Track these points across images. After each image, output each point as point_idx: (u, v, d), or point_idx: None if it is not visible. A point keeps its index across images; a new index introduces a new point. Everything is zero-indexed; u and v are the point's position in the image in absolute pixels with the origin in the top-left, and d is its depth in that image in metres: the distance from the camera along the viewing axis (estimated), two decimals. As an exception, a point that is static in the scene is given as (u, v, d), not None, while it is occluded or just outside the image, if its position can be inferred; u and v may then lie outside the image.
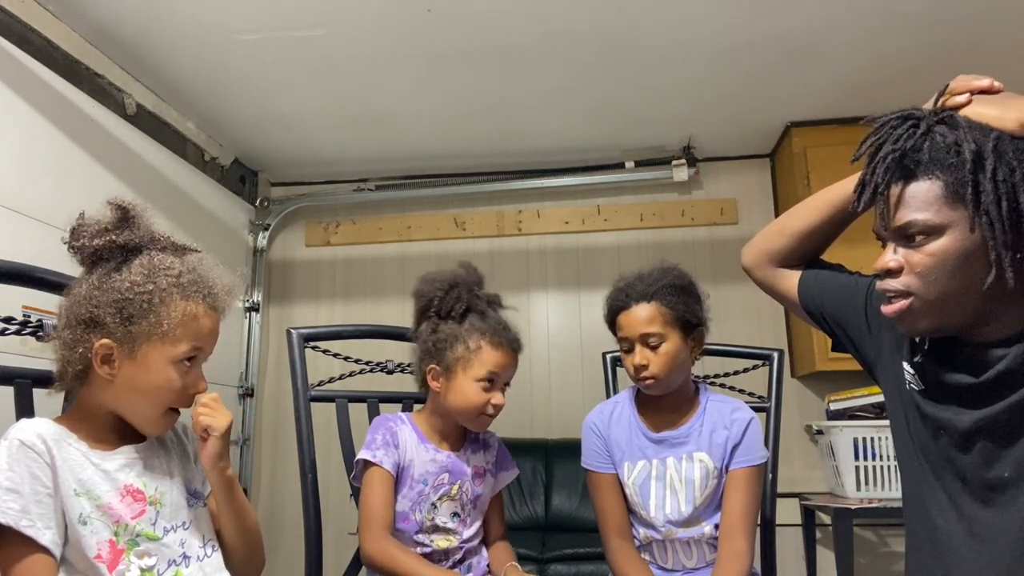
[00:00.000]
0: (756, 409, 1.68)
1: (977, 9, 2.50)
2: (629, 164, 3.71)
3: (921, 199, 1.00)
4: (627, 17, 2.52)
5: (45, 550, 0.99)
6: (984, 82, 1.05)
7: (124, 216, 1.13)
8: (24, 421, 1.06)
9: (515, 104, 3.17)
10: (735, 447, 1.53)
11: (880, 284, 1.05)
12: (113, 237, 1.11)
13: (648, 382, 1.52)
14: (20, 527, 0.97)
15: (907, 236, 1.02)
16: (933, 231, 0.99)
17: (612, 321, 1.60)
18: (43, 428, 1.05)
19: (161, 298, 1.09)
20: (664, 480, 1.53)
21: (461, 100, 3.11)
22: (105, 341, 1.07)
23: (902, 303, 1.03)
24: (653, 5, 2.45)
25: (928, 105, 1.08)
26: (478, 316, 1.52)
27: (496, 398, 1.49)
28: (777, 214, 3.76)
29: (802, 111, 3.33)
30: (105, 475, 1.08)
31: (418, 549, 1.46)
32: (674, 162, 3.65)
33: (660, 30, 2.61)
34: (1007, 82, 1.05)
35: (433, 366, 1.51)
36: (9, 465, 1.00)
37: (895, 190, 1.02)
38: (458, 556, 1.51)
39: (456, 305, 1.51)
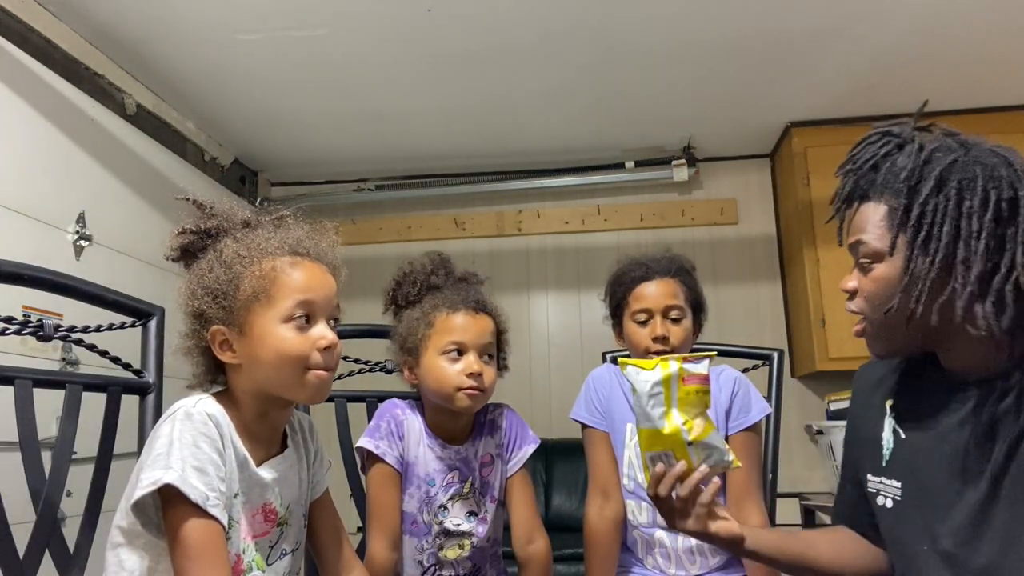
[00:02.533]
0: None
1: (976, 10, 2.50)
2: (629, 164, 3.72)
3: (868, 222, 1.00)
4: (627, 17, 2.52)
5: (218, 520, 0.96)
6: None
7: (197, 208, 1.11)
8: (197, 398, 1.02)
9: (515, 104, 3.17)
10: (727, 412, 1.53)
11: (845, 305, 1.07)
12: (189, 227, 1.09)
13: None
14: (207, 507, 0.94)
15: (858, 259, 1.02)
16: (876, 256, 0.99)
17: (625, 293, 1.57)
18: (218, 411, 1.02)
19: (244, 265, 1.04)
20: None
21: (461, 100, 3.11)
22: (215, 328, 1.04)
23: (858, 326, 1.05)
24: (653, 5, 2.45)
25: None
26: (433, 294, 1.46)
27: (469, 367, 1.37)
28: (777, 214, 3.77)
29: (802, 111, 3.33)
30: (258, 484, 1.06)
31: (425, 558, 1.42)
32: (674, 162, 3.66)
33: (660, 30, 2.61)
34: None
35: (405, 359, 1.45)
36: (194, 441, 0.96)
37: (852, 210, 1.03)
38: (467, 567, 1.43)
39: (411, 290, 1.46)
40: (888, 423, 1.10)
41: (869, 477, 1.12)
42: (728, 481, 1.52)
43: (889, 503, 1.07)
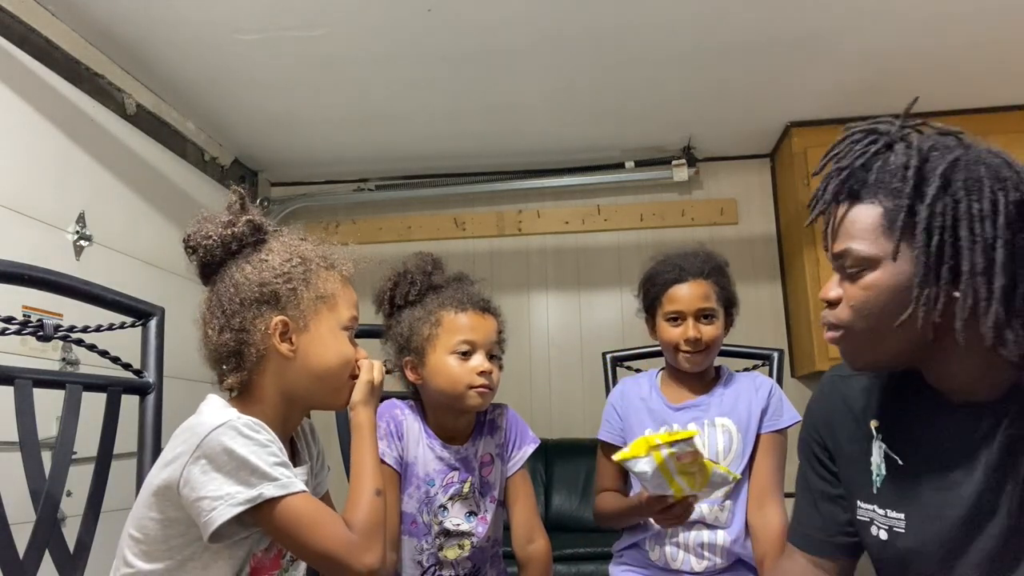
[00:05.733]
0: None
1: (976, 9, 2.50)
2: (629, 164, 3.72)
3: (859, 226, 0.92)
4: (627, 17, 2.52)
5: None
6: None
7: (243, 201, 1.12)
8: (222, 409, 1.02)
9: (515, 104, 3.17)
10: (763, 411, 1.58)
11: (822, 314, 0.99)
12: (251, 218, 1.10)
13: (696, 356, 1.56)
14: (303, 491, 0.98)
15: (844, 266, 0.94)
16: (867, 263, 0.91)
17: (659, 293, 1.60)
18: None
19: (312, 268, 1.10)
20: None
21: (461, 100, 3.11)
22: (281, 317, 1.06)
23: (833, 334, 0.97)
24: (653, 6, 2.45)
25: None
26: (435, 293, 1.45)
27: (480, 365, 1.38)
28: (777, 214, 3.77)
29: (802, 111, 3.33)
30: None
31: (424, 558, 1.42)
32: (674, 162, 3.65)
33: (660, 30, 2.61)
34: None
35: (407, 358, 1.44)
36: (269, 439, 0.99)
37: (839, 213, 0.95)
38: (467, 567, 1.43)
39: (410, 290, 1.46)
40: (877, 447, 1.02)
41: (859, 503, 1.05)
42: (751, 482, 1.55)
43: (884, 534, 1.00)
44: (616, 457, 1.27)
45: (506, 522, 1.51)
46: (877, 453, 1.03)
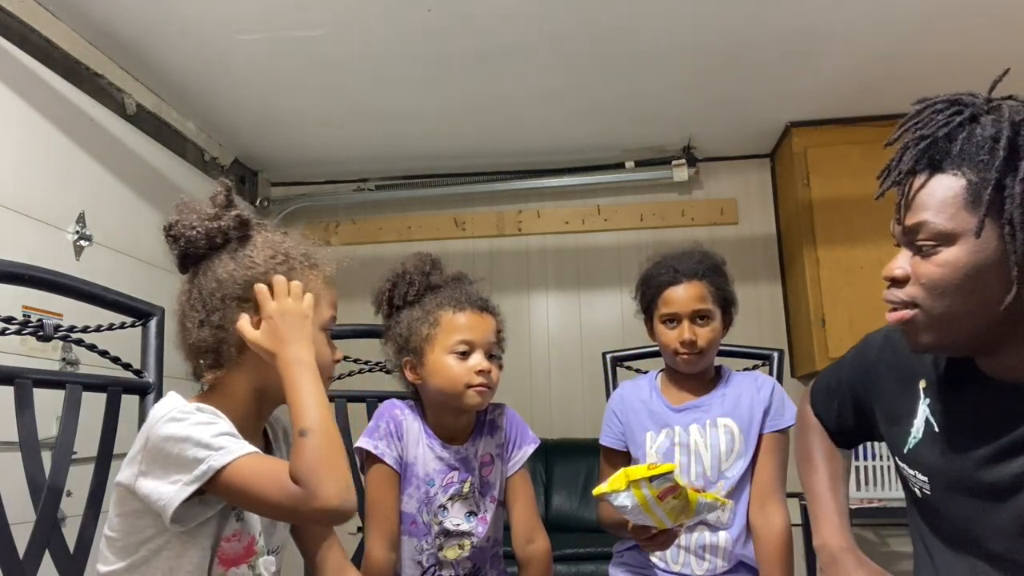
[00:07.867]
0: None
1: (976, 9, 2.50)
2: (629, 164, 3.72)
3: (938, 198, 0.87)
4: (627, 18, 2.52)
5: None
6: None
7: (230, 194, 1.11)
8: (170, 401, 1.02)
9: (515, 104, 3.17)
10: (766, 411, 1.57)
11: (885, 293, 0.93)
12: (239, 212, 1.10)
13: (692, 357, 1.55)
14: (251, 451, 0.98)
15: (916, 241, 0.89)
16: (943, 238, 0.86)
17: (654, 296, 1.59)
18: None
19: (295, 267, 1.10)
20: (688, 447, 1.56)
21: (461, 100, 3.11)
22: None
23: (903, 313, 0.91)
24: (653, 6, 2.45)
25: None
26: (433, 293, 1.46)
27: (478, 364, 1.38)
28: (777, 214, 3.77)
29: (802, 111, 3.33)
30: None
31: (424, 558, 1.42)
32: (674, 162, 3.66)
33: (660, 30, 2.61)
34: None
35: (406, 358, 1.44)
36: (211, 419, 0.99)
37: (916, 183, 0.89)
38: (467, 567, 1.43)
39: (409, 290, 1.46)
40: (922, 410, 1.00)
41: (898, 459, 1.06)
42: (753, 482, 1.55)
43: (918, 492, 1.02)
44: (595, 492, 1.26)
45: (506, 522, 1.51)
46: (920, 416, 1.01)
